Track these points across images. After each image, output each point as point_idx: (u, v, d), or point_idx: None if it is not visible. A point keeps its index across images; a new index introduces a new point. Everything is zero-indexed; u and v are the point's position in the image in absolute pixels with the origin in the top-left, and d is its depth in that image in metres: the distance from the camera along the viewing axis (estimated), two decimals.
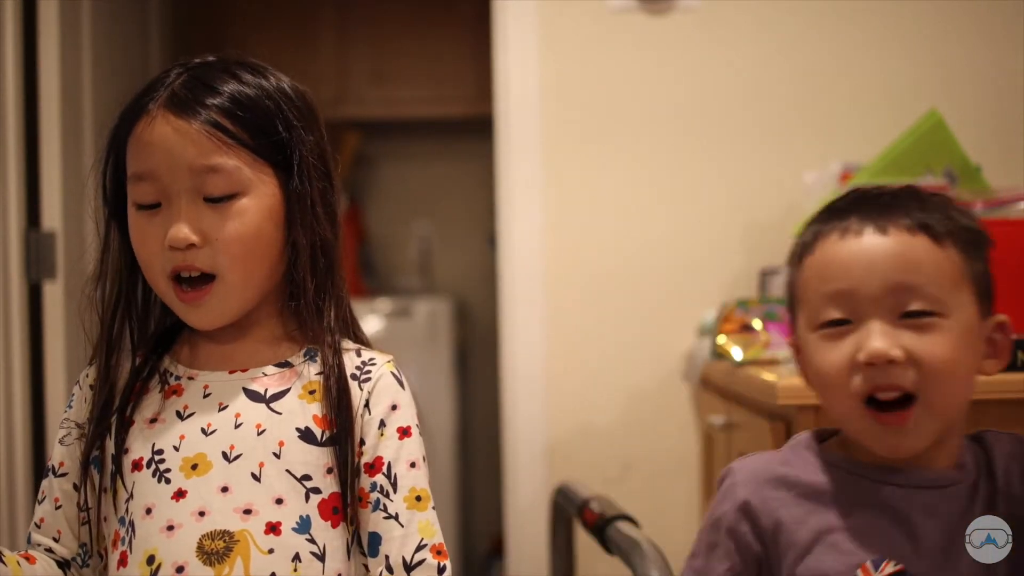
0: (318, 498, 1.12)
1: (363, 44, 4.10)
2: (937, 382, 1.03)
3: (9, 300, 2.39)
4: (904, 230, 1.06)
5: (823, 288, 1.07)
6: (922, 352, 1.03)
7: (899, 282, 1.04)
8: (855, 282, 1.05)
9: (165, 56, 3.35)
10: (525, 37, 2.49)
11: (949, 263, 1.06)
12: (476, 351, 4.19)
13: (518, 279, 2.50)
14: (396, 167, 4.36)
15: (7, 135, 2.39)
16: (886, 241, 1.06)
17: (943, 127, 2.05)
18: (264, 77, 1.17)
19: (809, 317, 1.09)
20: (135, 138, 1.13)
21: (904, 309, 1.04)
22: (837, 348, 1.05)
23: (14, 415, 2.39)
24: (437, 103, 4.12)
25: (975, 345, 1.07)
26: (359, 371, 1.17)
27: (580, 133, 2.50)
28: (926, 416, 1.03)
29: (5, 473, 2.36)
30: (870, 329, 1.04)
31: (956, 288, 1.06)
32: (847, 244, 1.07)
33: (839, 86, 2.47)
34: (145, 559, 1.10)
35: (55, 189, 2.49)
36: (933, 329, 1.04)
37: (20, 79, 2.42)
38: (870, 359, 1.03)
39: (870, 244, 1.06)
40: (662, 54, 2.50)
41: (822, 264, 1.08)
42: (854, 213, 1.08)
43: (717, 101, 2.49)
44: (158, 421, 1.15)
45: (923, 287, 1.04)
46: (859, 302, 1.05)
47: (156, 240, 1.12)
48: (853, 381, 1.04)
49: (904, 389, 1.03)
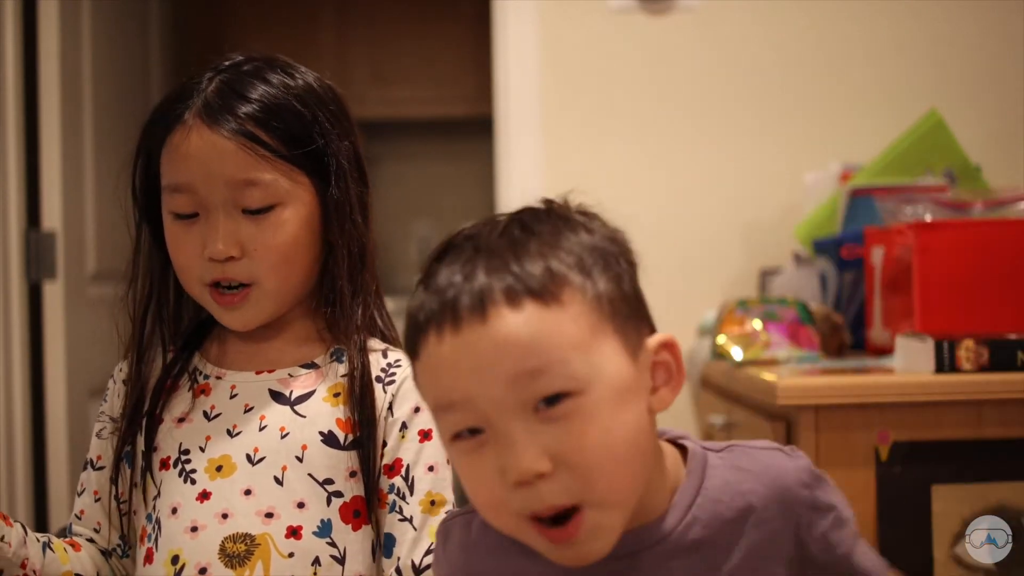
0: (340, 501, 1.12)
1: (363, 44, 4.10)
2: (598, 479, 0.84)
3: (9, 300, 2.39)
4: (504, 305, 0.84)
5: (440, 400, 0.88)
6: (573, 455, 0.83)
7: (518, 373, 0.84)
8: (471, 389, 0.85)
9: (165, 56, 3.35)
10: (525, 37, 2.49)
11: (571, 321, 0.85)
12: None
13: None
14: (396, 167, 4.36)
15: (7, 135, 2.39)
16: (488, 329, 0.84)
17: (943, 127, 2.06)
18: (294, 78, 1.17)
19: (442, 427, 0.89)
20: (171, 147, 1.13)
21: (537, 398, 0.84)
22: (479, 463, 0.86)
23: (14, 415, 2.39)
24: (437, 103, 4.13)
25: (633, 395, 0.88)
26: (384, 373, 1.17)
27: (580, 133, 2.50)
28: (599, 514, 0.85)
29: (5, 472, 2.36)
30: (507, 440, 0.84)
31: (590, 346, 0.86)
32: (445, 347, 0.85)
33: (839, 86, 2.47)
34: (170, 558, 1.11)
35: (55, 189, 2.49)
36: (578, 415, 0.84)
37: (20, 79, 2.42)
38: (517, 479, 0.83)
39: (471, 340, 0.84)
40: (662, 54, 2.50)
41: (430, 374, 0.88)
42: (448, 288, 0.86)
43: (717, 101, 2.49)
44: (186, 420, 1.16)
45: (548, 368, 0.84)
46: (483, 408, 0.85)
47: (194, 249, 1.12)
48: (510, 501, 0.85)
49: (566, 507, 0.84)
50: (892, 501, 1.45)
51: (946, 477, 1.46)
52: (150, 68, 3.23)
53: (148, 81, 3.19)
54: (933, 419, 1.47)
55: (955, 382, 1.47)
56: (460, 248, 0.89)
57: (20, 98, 2.42)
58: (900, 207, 1.78)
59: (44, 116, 2.48)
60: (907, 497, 1.45)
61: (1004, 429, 1.47)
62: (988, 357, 1.48)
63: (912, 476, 1.46)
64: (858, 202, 2.03)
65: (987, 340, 1.48)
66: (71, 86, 2.57)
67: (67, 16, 2.54)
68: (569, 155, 2.50)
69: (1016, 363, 1.48)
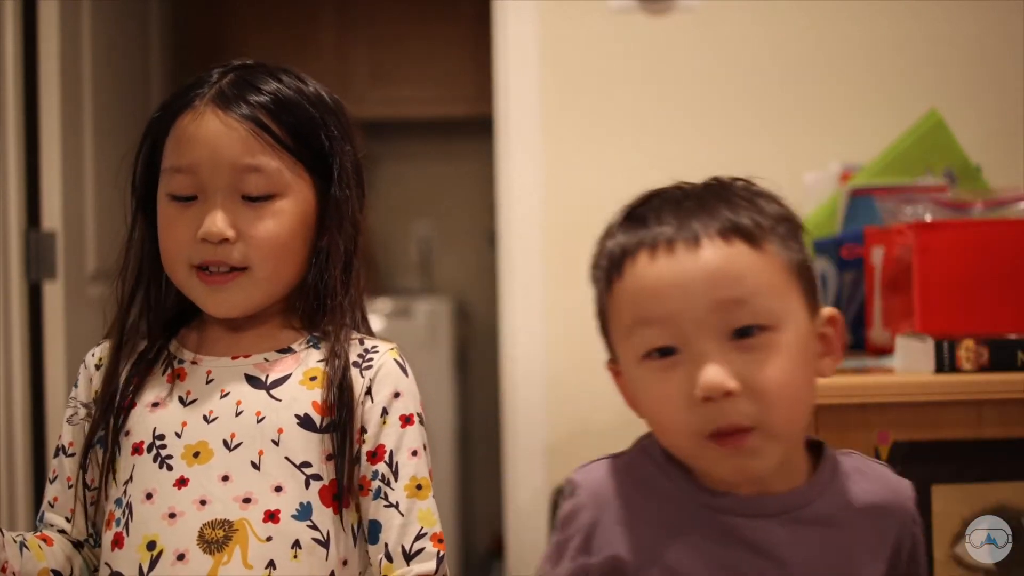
0: (319, 484, 1.13)
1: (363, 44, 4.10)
2: (777, 408, 0.93)
3: (9, 300, 2.39)
4: (718, 238, 0.94)
5: (641, 315, 0.95)
6: (760, 381, 0.92)
7: (723, 299, 0.93)
8: (675, 307, 0.93)
9: (165, 56, 3.35)
10: (525, 37, 2.49)
11: (772, 266, 0.95)
12: (476, 351, 4.19)
13: (518, 279, 2.50)
14: (396, 167, 4.36)
15: (7, 135, 2.39)
16: (700, 256, 0.94)
17: (943, 127, 2.06)
18: (307, 84, 1.20)
19: (631, 346, 0.97)
20: (179, 130, 1.15)
21: (734, 327, 0.93)
22: (667, 381, 0.94)
23: (14, 415, 2.39)
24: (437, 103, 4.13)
25: (810, 353, 0.97)
26: (361, 359, 1.18)
27: (580, 133, 2.50)
28: (766, 440, 0.93)
29: (5, 472, 2.36)
30: (702, 357, 0.92)
31: (784, 293, 0.95)
32: (658, 265, 0.94)
33: (839, 86, 2.47)
34: (145, 544, 1.11)
35: (55, 189, 2.49)
36: (769, 348, 0.93)
37: (20, 79, 2.42)
38: (706, 393, 0.91)
39: (684, 262, 0.94)
40: (662, 54, 2.50)
41: (635, 290, 0.96)
42: (659, 224, 0.96)
43: (716, 101, 2.49)
44: (160, 405, 1.16)
45: (750, 300, 0.93)
46: (683, 327, 0.93)
47: (186, 231, 1.13)
48: (691, 419, 0.93)
49: (745, 428, 0.92)
50: None
51: (946, 477, 1.46)
52: (150, 68, 3.23)
53: (148, 81, 3.19)
54: (933, 419, 1.48)
55: (955, 382, 1.47)
56: (665, 196, 1.00)
57: (20, 98, 2.42)
58: (900, 207, 1.78)
59: (44, 116, 2.48)
60: None
61: (1004, 429, 1.47)
62: (988, 357, 1.48)
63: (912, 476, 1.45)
64: (858, 202, 2.03)
65: (987, 340, 1.48)
66: (71, 86, 2.57)
67: (67, 16, 2.54)
68: (569, 155, 2.50)
69: (1016, 363, 1.48)
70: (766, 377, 0.92)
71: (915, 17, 2.47)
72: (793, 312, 0.96)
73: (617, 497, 1.01)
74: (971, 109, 2.35)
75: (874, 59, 2.47)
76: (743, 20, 2.49)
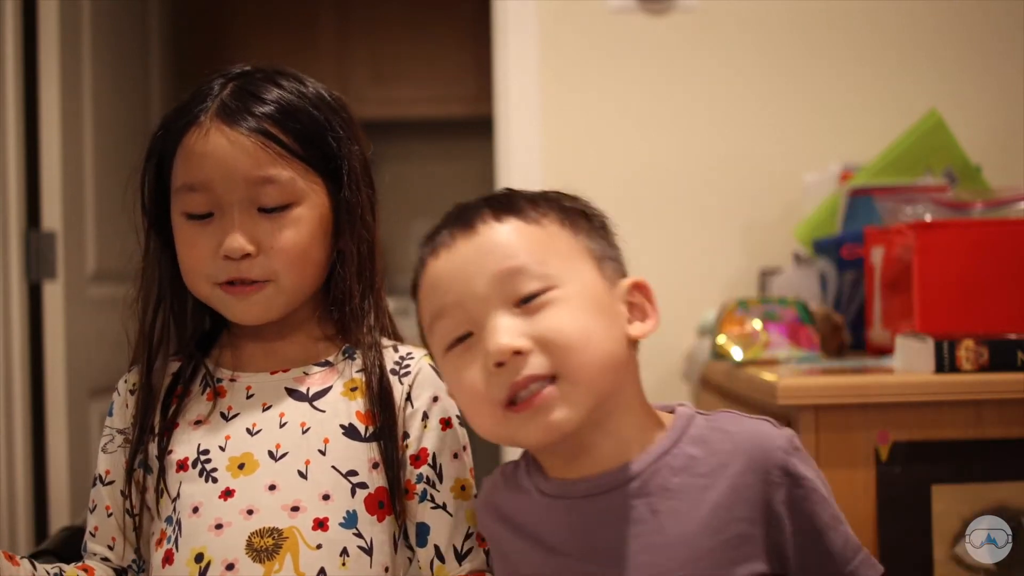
0: (364, 493, 1.13)
1: (363, 44, 4.10)
2: (569, 354, 0.95)
3: (9, 300, 2.39)
4: (492, 220, 1.01)
5: (434, 309, 1.02)
6: (544, 330, 0.96)
7: (500, 271, 0.98)
8: (461, 292, 0.99)
9: (165, 56, 3.35)
10: (525, 37, 2.49)
11: (548, 237, 1.00)
12: None
13: None
14: (396, 167, 4.36)
15: (7, 135, 2.39)
16: (476, 240, 1.00)
17: (943, 127, 2.05)
18: (306, 86, 1.18)
19: (436, 342, 1.03)
20: (186, 148, 1.14)
21: (518, 297, 0.97)
22: (467, 363, 0.99)
23: (14, 415, 2.39)
24: (437, 103, 4.13)
25: (607, 310, 1.00)
26: (398, 366, 1.19)
27: (579, 133, 2.50)
28: (567, 390, 0.96)
29: (5, 472, 2.36)
30: (489, 329, 0.97)
31: (565, 258, 1.00)
32: (442, 260, 1.02)
33: (839, 86, 2.47)
34: (193, 557, 1.11)
35: (55, 189, 2.49)
36: (551, 305, 0.97)
37: (20, 79, 2.42)
38: (497, 359, 0.95)
39: (462, 249, 1.00)
40: (662, 54, 2.50)
41: (427, 288, 1.04)
42: (446, 226, 1.04)
43: (716, 101, 2.49)
44: (203, 423, 1.16)
45: (526, 267, 0.98)
46: (470, 311, 0.99)
47: (207, 249, 1.13)
48: (490, 390, 0.97)
49: (541, 377, 0.95)
50: (892, 501, 1.45)
51: (946, 477, 1.46)
52: (150, 68, 3.23)
53: (148, 81, 3.19)
54: (933, 419, 1.47)
55: (955, 382, 1.47)
56: (453, 211, 1.06)
57: (20, 98, 2.42)
58: (900, 207, 1.78)
59: (44, 116, 2.48)
60: (907, 497, 1.44)
61: (1004, 429, 1.47)
62: (988, 357, 1.47)
63: (912, 476, 1.46)
64: (858, 202, 2.03)
65: (987, 340, 1.48)
66: (71, 86, 2.57)
67: (67, 16, 2.54)
68: (569, 155, 2.50)
69: (1016, 363, 1.47)
70: (551, 327, 0.96)
71: (915, 17, 2.47)
72: (576, 272, 0.99)
73: (491, 505, 1.09)
74: (971, 109, 2.35)
75: (874, 59, 2.47)
76: (743, 20, 2.49)
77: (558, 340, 0.96)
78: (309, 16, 4.10)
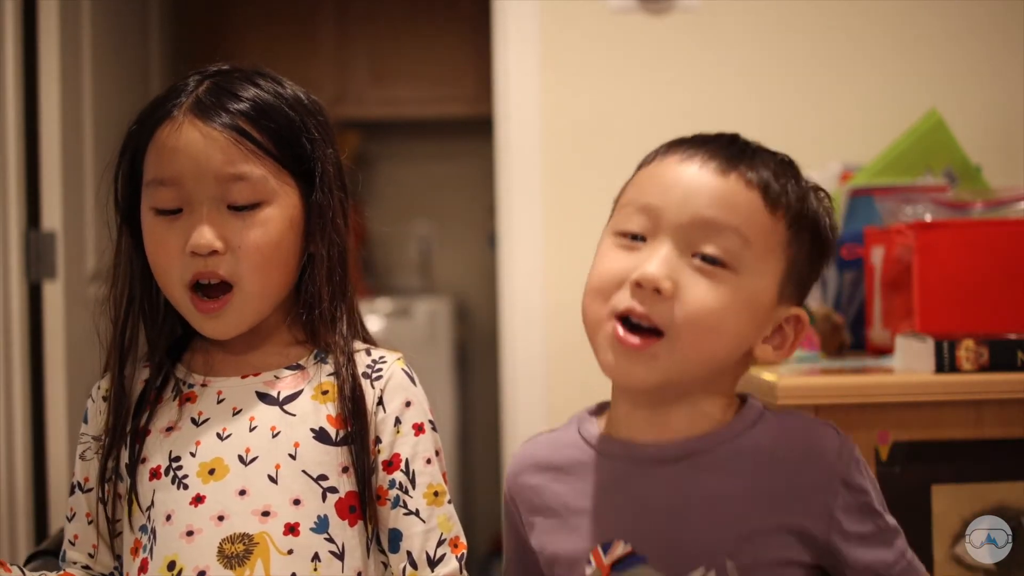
0: (335, 497, 1.13)
1: (363, 44, 4.10)
2: (693, 324, 0.98)
3: (9, 300, 2.39)
4: (743, 181, 1.02)
5: (637, 199, 1.04)
6: (691, 295, 0.98)
7: (705, 219, 0.99)
8: (666, 202, 1.01)
9: (165, 56, 3.35)
10: (525, 37, 2.49)
11: (767, 229, 1.01)
12: (476, 351, 4.19)
13: (518, 279, 2.50)
14: (396, 167, 4.36)
15: (7, 135, 2.39)
16: (717, 180, 1.01)
17: (943, 127, 2.05)
18: (284, 87, 1.18)
19: (616, 220, 1.06)
20: (158, 143, 1.13)
21: (699, 247, 0.99)
22: (622, 259, 1.01)
23: (14, 415, 2.39)
24: (437, 103, 4.13)
25: (755, 319, 1.01)
26: (370, 369, 1.18)
27: (580, 133, 2.50)
28: (668, 353, 0.98)
29: (5, 472, 2.36)
30: (655, 252, 0.99)
31: (761, 254, 1.00)
32: (679, 167, 1.03)
33: (839, 86, 2.47)
34: (166, 565, 1.10)
35: (55, 189, 2.49)
36: (716, 280, 0.98)
37: (20, 80, 2.42)
38: (639, 280, 0.98)
39: (700, 175, 1.02)
40: (662, 54, 2.50)
41: (649, 176, 1.06)
42: (708, 148, 1.05)
43: (717, 101, 2.49)
44: (174, 429, 1.15)
45: (725, 234, 0.99)
46: (653, 222, 1.01)
47: (175, 246, 1.12)
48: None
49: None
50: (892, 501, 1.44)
51: (946, 477, 1.46)
52: (150, 68, 3.23)
53: (148, 81, 3.19)
54: (933, 419, 1.47)
55: (955, 382, 1.47)
56: (738, 137, 1.11)
57: (20, 98, 2.42)
58: (900, 207, 1.78)
59: (44, 116, 2.48)
60: (907, 497, 1.45)
61: (1004, 429, 1.47)
62: (988, 357, 1.48)
63: (912, 476, 1.46)
64: (858, 202, 2.03)
65: (987, 340, 1.48)
66: (71, 86, 2.57)
67: (67, 16, 2.54)
68: (569, 155, 2.50)
69: (1016, 363, 1.48)
70: (697, 297, 0.99)
71: (915, 17, 2.47)
72: (758, 274, 1.01)
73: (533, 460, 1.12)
74: (971, 109, 2.35)
75: (874, 59, 2.47)
76: (743, 20, 2.49)
77: (692, 311, 0.97)
78: (309, 16, 4.09)
